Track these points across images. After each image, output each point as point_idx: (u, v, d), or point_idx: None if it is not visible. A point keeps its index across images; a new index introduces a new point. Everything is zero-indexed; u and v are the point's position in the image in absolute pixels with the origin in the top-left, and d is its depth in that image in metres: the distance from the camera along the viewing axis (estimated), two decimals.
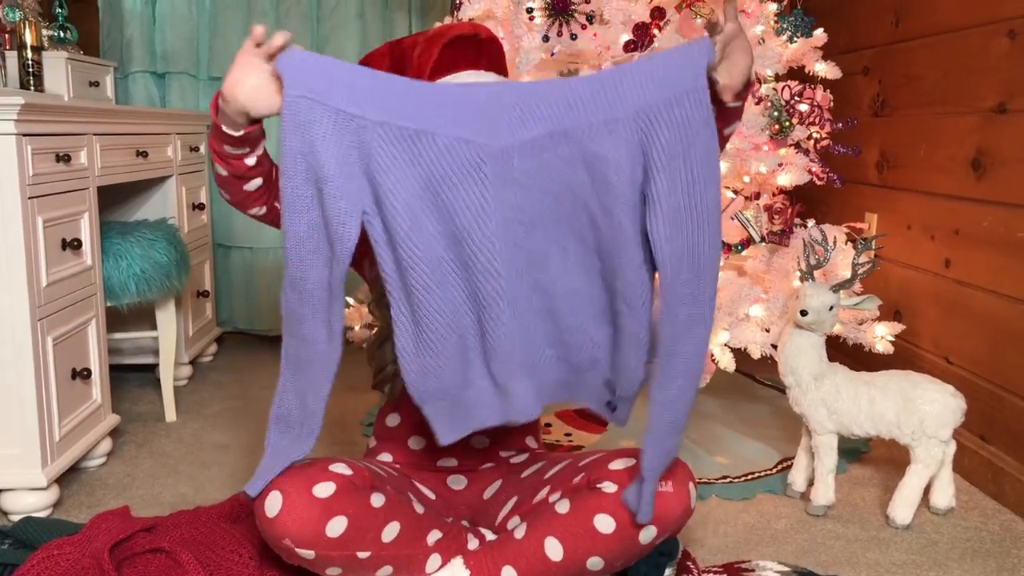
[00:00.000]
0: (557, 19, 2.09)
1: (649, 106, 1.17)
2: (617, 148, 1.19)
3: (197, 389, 2.77)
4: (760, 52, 2.13)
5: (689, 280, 1.20)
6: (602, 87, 1.19)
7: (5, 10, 2.33)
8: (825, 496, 1.85)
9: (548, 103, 1.20)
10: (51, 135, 1.85)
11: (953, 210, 2.18)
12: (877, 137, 2.60)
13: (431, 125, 1.18)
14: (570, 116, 1.19)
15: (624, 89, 1.18)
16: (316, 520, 1.28)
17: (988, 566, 1.65)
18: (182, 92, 3.20)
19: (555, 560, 1.34)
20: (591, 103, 1.19)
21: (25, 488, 1.78)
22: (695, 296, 1.21)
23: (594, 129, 1.19)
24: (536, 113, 1.20)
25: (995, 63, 2.01)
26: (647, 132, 1.18)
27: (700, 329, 1.24)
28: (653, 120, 1.17)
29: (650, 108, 1.17)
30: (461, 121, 1.19)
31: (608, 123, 1.19)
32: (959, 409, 1.78)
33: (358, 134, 1.16)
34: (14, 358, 1.75)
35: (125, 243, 2.21)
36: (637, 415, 2.45)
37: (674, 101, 1.17)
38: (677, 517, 1.34)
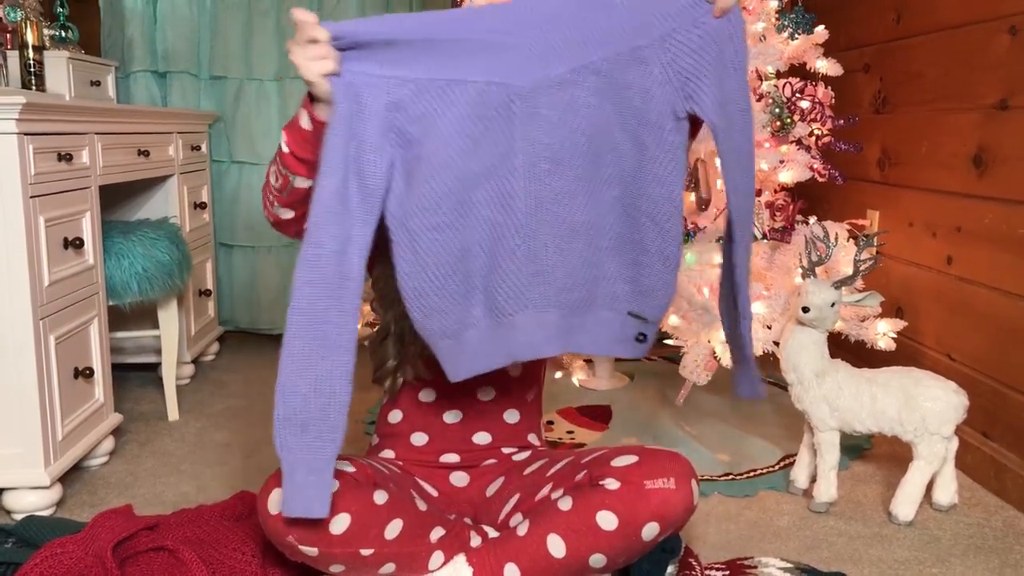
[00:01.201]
0: None
1: (674, 30, 1.23)
2: (644, 74, 1.23)
3: (199, 388, 2.77)
4: (761, 49, 2.13)
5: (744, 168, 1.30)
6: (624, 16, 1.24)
7: (7, 10, 2.33)
8: (827, 493, 1.85)
9: (573, 39, 1.24)
10: (53, 134, 1.85)
11: (955, 207, 2.18)
12: (878, 134, 2.60)
13: (462, 74, 1.22)
14: (595, 49, 1.24)
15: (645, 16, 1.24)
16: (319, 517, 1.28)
17: (991, 562, 1.65)
18: (183, 91, 3.20)
19: (558, 557, 1.34)
20: (616, 34, 1.24)
21: (28, 487, 1.79)
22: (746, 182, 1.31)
23: (620, 58, 1.23)
24: (562, 49, 1.24)
25: (996, 60, 2.01)
26: (674, 53, 1.23)
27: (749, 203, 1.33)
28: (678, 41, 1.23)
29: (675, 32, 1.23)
30: (492, 66, 1.23)
31: (634, 50, 1.23)
32: (961, 406, 1.78)
33: (395, 93, 1.21)
34: (16, 357, 1.75)
35: (127, 242, 2.22)
36: (633, 409, 2.45)
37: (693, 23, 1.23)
38: (680, 514, 1.34)
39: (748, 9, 2.23)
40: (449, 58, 1.22)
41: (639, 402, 2.54)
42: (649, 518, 1.32)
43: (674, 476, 1.34)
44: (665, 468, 1.34)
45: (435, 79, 1.22)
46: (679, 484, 1.33)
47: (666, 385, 2.68)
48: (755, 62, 2.13)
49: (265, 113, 3.24)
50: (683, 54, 1.23)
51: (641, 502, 1.32)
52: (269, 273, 3.31)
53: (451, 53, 1.22)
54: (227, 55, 3.19)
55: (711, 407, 2.50)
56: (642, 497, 1.32)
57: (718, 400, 2.55)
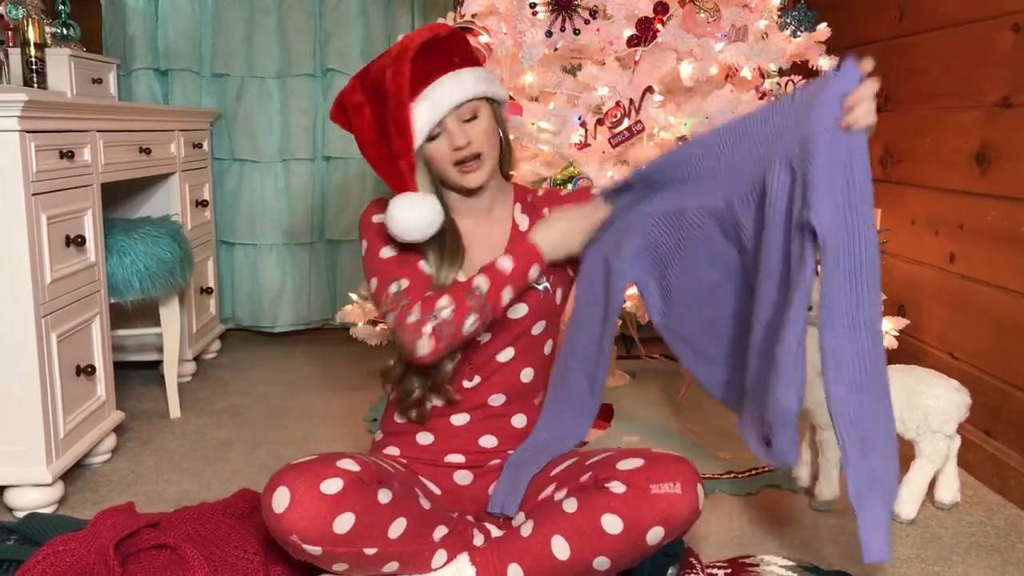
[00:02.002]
0: (560, 14, 2.08)
1: (807, 137, 1.28)
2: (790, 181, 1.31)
3: (201, 386, 2.77)
4: (763, 47, 2.13)
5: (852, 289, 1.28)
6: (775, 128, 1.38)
7: (8, 7, 2.33)
8: (830, 491, 1.84)
9: (747, 165, 1.40)
10: (54, 132, 1.85)
11: (957, 205, 2.18)
12: (881, 132, 2.59)
13: (681, 203, 1.49)
14: (762, 165, 1.36)
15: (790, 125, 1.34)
16: (324, 516, 1.28)
17: (993, 560, 1.65)
18: (185, 89, 3.20)
19: (562, 559, 1.34)
20: (772, 144, 1.37)
21: (30, 484, 1.79)
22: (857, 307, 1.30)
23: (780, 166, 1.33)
24: (741, 172, 1.41)
25: (999, 57, 2.00)
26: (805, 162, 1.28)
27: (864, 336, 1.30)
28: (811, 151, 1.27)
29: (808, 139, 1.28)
30: (699, 193, 1.47)
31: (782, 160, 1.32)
32: (963, 404, 1.78)
33: (641, 223, 1.53)
34: (18, 355, 1.75)
35: (129, 240, 2.22)
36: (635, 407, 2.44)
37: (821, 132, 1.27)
38: (685, 518, 1.34)
39: (751, 7, 2.22)
40: (672, 192, 1.51)
41: (641, 400, 2.54)
42: (654, 522, 1.31)
43: (680, 481, 1.33)
44: (671, 472, 1.34)
45: (666, 211, 1.51)
46: (685, 489, 1.33)
47: (668, 383, 2.68)
48: (757, 60, 2.13)
49: (267, 110, 3.24)
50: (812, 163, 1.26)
51: (646, 506, 1.31)
52: (270, 271, 3.31)
53: (675, 191, 1.51)
54: (229, 52, 3.19)
55: (713, 405, 2.49)
56: (647, 501, 1.32)
57: None
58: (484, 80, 1.48)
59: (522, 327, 1.53)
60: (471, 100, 1.45)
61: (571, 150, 2.09)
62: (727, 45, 2.12)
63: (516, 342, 1.54)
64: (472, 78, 1.46)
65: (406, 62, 1.40)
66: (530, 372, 1.57)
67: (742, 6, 2.20)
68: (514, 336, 1.53)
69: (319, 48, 3.26)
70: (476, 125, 1.46)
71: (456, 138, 1.44)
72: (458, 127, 1.45)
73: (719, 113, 2.04)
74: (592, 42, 2.12)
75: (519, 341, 1.54)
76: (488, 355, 1.53)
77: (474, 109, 1.45)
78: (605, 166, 2.13)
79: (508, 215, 1.58)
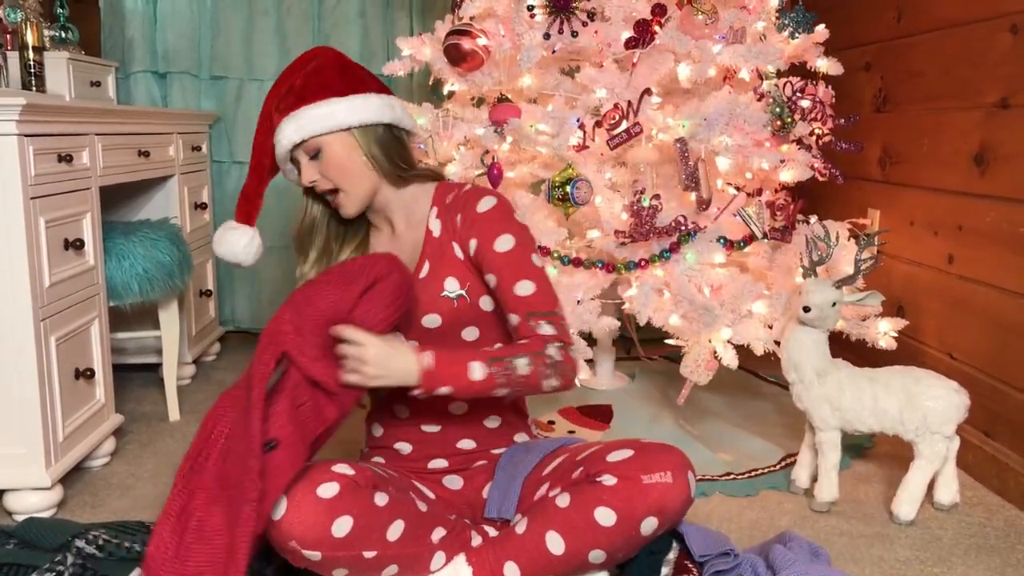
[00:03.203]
0: (558, 16, 2.08)
1: None
2: None
3: (200, 388, 2.77)
4: (761, 48, 2.13)
5: None
6: None
7: (7, 11, 2.33)
8: (829, 492, 1.84)
9: None
10: (53, 135, 1.85)
11: (956, 206, 2.18)
12: (879, 133, 2.59)
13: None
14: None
15: None
16: (321, 520, 1.28)
17: (992, 562, 1.65)
18: (183, 92, 3.20)
19: (557, 554, 1.34)
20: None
21: (29, 488, 1.79)
22: None
23: None
24: None
25: (997, 58, 2.00)
26: None
27: None
28: None
29: None
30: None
31: None
32: (963, 405, 1.78)
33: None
34: (17, 358, 1.75)
35: (127, 243, 2.22)
36: (634, 409, 2.44)
37: None
38: (678, 507, 1.34)
39: (749, 8, 2.22)
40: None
41: (640, 402, 2.54)
42: (647, 512, 1.32)
43: (671, 469, 1.34)
44: (661, 461, 1.34)
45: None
46: (676, 477, 1.33)
47: (667, 384, 2.68)
48: (755, 61, 2.13)
49: None
50: None
51: (639, 497, 1.32)
52: (270, 273, 3.31)
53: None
54: (228, 55, 3.19)
55: (712, 406, 2.50)
56: (640, 492, 1.32)
57: (719, 399, 2.55)
58: (324, 116, 1.46)
59: (445, 335, 1.50)
60: (307, 140, 1.48)
61: (569, 152, 2.09)
62: (725, 47, 2.12)
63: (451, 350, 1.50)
64: (309, 117, 1.47)
65: (266, 110, 1.53)
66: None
67: (740, 8, 2.20)
68: (445, 343, 1.48)
69: None
70: (321, 162, 1.49)
71: (302, 176, 1.53)
72: (306, 165, 1.51)
73: (717, 115, 2.04)
74: (590, 44, 2.13)
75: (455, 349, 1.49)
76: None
77: (314, 147, 1.48)
78: (603, 168, 2.13)
79: (422, 221, 1.55)
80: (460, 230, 1.49)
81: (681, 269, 2.04)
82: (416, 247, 1.54)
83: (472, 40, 2.15)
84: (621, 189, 2.17)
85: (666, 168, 2.19)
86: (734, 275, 2.09)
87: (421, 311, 1.49)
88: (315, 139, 1.47)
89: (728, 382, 2.68)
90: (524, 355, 1.40)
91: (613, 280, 2.15)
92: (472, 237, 1.48)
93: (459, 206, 1.51)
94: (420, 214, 1.56)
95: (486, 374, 1.37)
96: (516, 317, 1.45)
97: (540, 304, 1.45)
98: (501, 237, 1.47)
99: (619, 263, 2.10)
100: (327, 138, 1.47)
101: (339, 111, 1.47)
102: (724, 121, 2.05)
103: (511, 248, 1.46)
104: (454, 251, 1.50)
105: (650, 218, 2.03)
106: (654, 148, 2.10)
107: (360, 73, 1.54)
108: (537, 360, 1.40)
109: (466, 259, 1.50)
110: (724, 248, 2.09)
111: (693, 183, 2.06)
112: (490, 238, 1.47)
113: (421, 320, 1.49)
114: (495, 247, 1.46)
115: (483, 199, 1.50)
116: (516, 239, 1.47)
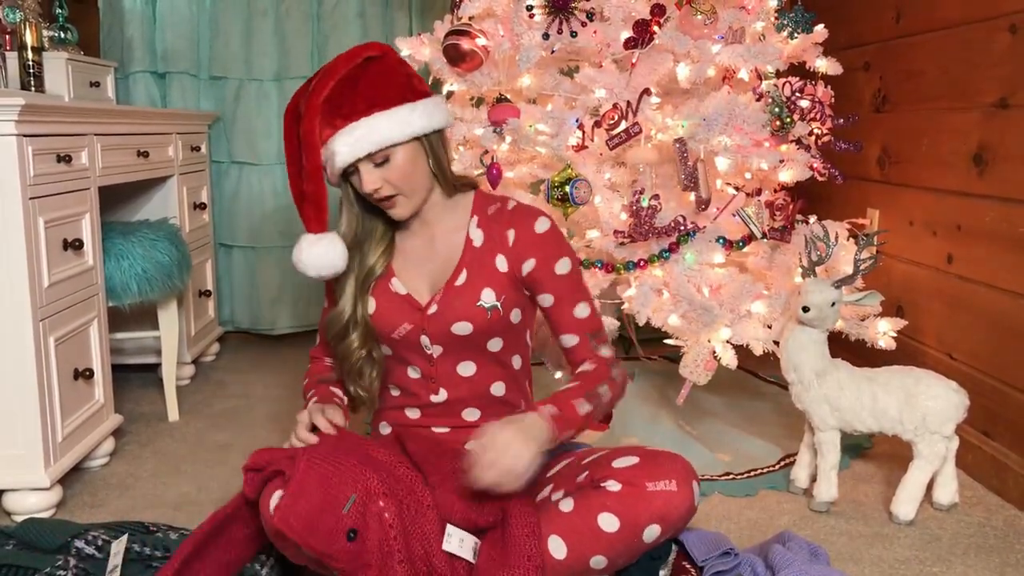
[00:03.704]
0: (557, 16, 2.08)
1: None
2: None
3: (199, 388, 2.77)
4: (761, 48, 2.13)
5: None
6: None
7: (6, 11, 2.33)
8: (828, 492, 1.84)
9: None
10: (52, 136, 1.85)
11: (955, 206, 2.18)
12: (878, 133, 2.59)
13: None
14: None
15: None
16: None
17: (991, 561, 1.65)
18: (183, 92, 3.20)
19: (559, 558, 1.34)
20: None
21: (28, 488, 1.79)
22: None
23: None
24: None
25: (996, 58, 2.00)
26: None
27: None
28: None
29: None
30: None
31: None
32: (962, 405, 1.78)
33: None
34: (16, 358, 1.75)
35: (127, 243, 2.22)
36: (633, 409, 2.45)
37: None
38: (681, 515, 1.34)
39: (747, 8, 2.22)
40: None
41: (639, 402, 2.54)
42: (651, 520, 1.32)
43: (675, 478, 1.34)
44: (666, 470, 1.34)
45: None
46: (680, 486, 1.33)
47: (666, 385, 2.68)
48: (754, 61, 2.12)
49: (265, 113, 3.24)
50: None
51: (643, 504, 1.32)
52: (269, 273, 3.31)
53: None
54: (227, 55, 3.19)
55: (711, 406, 2.50)
56: (644, 499, 1.32)
57: (718, 400, 2.55)
58: (404, 123, 1.42)
59: (473, 343, 1.52)
60: (382, 149, 1.42)
61: (568, 152, 2.09)
62: (724, 47, 2.12)
63: (476, 357, 1.54)
64: (388, 124, 1.41)
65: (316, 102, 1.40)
66: (501, 386, 1.57)
67: (739, 8, 2.19)
68: (469, 351, 1.53)
69: (317, 50, 3.26)
70: (389, 168, 1.45)
71: (364, 184, 1.45)
72: (368, 172, 1.44)
73: (716, 115, 2.04)
74: (589, 44, 2.12)
75: (479, 357, 1.54)
76: (446, 368, 1.54)
77: (386, 155, 1.43)
78: (602, 168, 2.13)
79: (461, 228, 1.55)
80: (514, 247, 1.50)
81: (680, 269, 2.04)
82: (452, 253, 1.54)
83: (471, 40, 2.14)
84: (620, 189, 2.17)
85: (665, 168, 2.19)
86: (733, 275, 2.09)
87: (453, 317, 1.49)
88: (389, 148, 1.43)
89: (727, 382, 2.68)
90: (604, 383, 1.49)
91: (612, 280, 2.15)
92: (530, 257, 1.50)
93: (510, 222, 1.52)
94: (459, 221, 1.56)
95: (587, 410, 1.43)
96: (575, 338, 1.53)
97: (596, 326, 1.55)
98: (561, 260, 1.51)
99: (618, 263, 2.10)
100: (400, 146, 1.44)
101: (414, 119, 1.44)
102: (723, 121, 2.05)
103: (569, 271, 1.52)
104: (495, 263, 1.51)
105: (649, 218, 2.02)
106: (653, 148, 2.10)
107: (417, 75, 1.53)
108: (611, 385, 1.50)
109: (510, 273, 1.51)
110: (723, 248, 2.09)
111: (692, 183, 2.06)
112: (550, 261, 1.50)
113: (451, 327, 1.49)
114: (555, 270, 1.50)
115: (539, 219, 1.52)
116: (572, 263, 1.53)
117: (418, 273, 1.55)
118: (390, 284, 1.55)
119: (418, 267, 1.56)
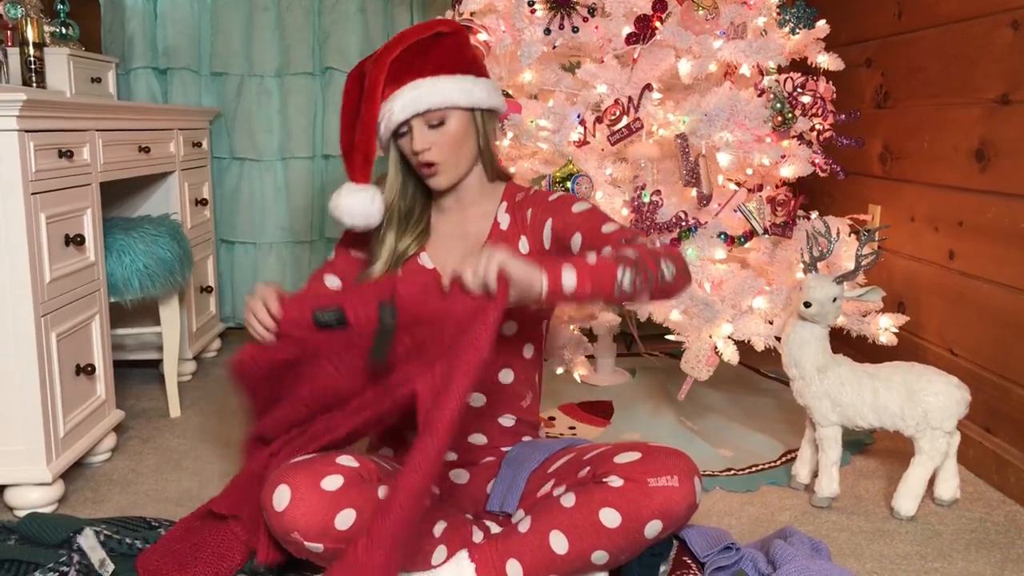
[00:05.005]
0: (558, 12, 2.08)
1: None
2: None
3: (201, 384, 2.77)
4: (762, 44, 2.13)
5: None
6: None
7: (7, 7, 2.33)
8: (829, 488, 1.85)
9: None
10: (53, 131, 1.85)
11: (957, 201, 2.17)
12: (880, 129, 2.59)
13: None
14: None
15: None
16: (325, 512, 1.28)
17: (993, 557, 1.65)
18: (184, 88, 3.20)
19: (560, 553, 1.34)
20: None
21: (30, 483, 1.79)
22: None
23: None
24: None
25: (998, 54, 2.00)
26: None
27: None
28: None
29: None
30: None
31: None
32: (963, 400, 1.78)
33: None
34: (18, 354, 1.75)
35: (128, 239, 2.22)
36: (635, 405, 2.45)
37: None
38: (683, 511, 1.34)
39: (749, 4, 2.22)
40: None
41: (641, 397, 2.54)
42: (652, 515, 1.32)
43: (677, 474, 1.34)
44: (668, 466, 1.34)
45: None
46: (682, 482, 1.33)
47: (668, 380, 2.68)
48: (756, 57, 2.12)
49: (266, 109, 3.24)
50: None
51: (644, 500, 1.32)
52: (270, 269, 3.31)
53: None
54: (228, 51, 3.19)
55: (713, 402, 2.50)
56: (645, 495, 1.32)
57: (720, 395, 2.55)
58: (466, 91, 1.49)
59: None
60: (440, 109, 1.47)
61: (570, 148, 2.09)
62: (726, 42, 2.12)
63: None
64: (451, 87, 1.48)
65: (386, 60, 1.46)
66: (509, 373, 1.57)
67: (741, 3, 2.19)
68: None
69: (318, 46, 3.25)
70: (441, 132, 1.49)
71: (415, 142, 1.49)
72: (421, 131, 1.49)
73: (718, 111, 2.04)
74: (591, 40, 2.12)
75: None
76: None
77: (442, 117, 1.48)
78: (604, 164, 2.13)
79: (491, 213, 1.61)
80: (531, 222, 1.55)
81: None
82: (480, 236, 1.59)
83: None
84: (622, 185, 2.17)
85: (667, 164, 2.19)
86: (735, 271, 2.09)
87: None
88: (447, 109, 1.48)
89: (728, 378, 2.68)
90: (629, 247, 1.38)
91: None
92: (548, 218, 1.53)
93: (529, 203, 1.57)
94: (490, 206, 1.61)
95: (598, 259, 1.33)
96: (609, 248, 1.41)
97: (632, 234, 1.46)
98: (576, 203, 1.53)
99: None
100: (457, 112, 1.50)
101: (476, 90, 1.51)
102: (725, 117, 2.05)
103: (588, 207, 1.53)
104: (519, 245, 1.56)
105: (651, 214, 2.03)
106: (655, 144, 2.10)
107: (482, 59, 1.59)
108: (641, 247, 1.38)
109: (532, 252, 1.54)
110: (725, 244, 2.09)
111: (694, 179, 2.06)
112: (566, 207, 1.53)
113: None
114: (573, 210, 1.52)
115: (554, 193, 1.58)
116: (589, 203, 1.54)
117: (446, 250, 1.60)
118: (418, 258, 1.60)
119: (447, 245, 1.60)
